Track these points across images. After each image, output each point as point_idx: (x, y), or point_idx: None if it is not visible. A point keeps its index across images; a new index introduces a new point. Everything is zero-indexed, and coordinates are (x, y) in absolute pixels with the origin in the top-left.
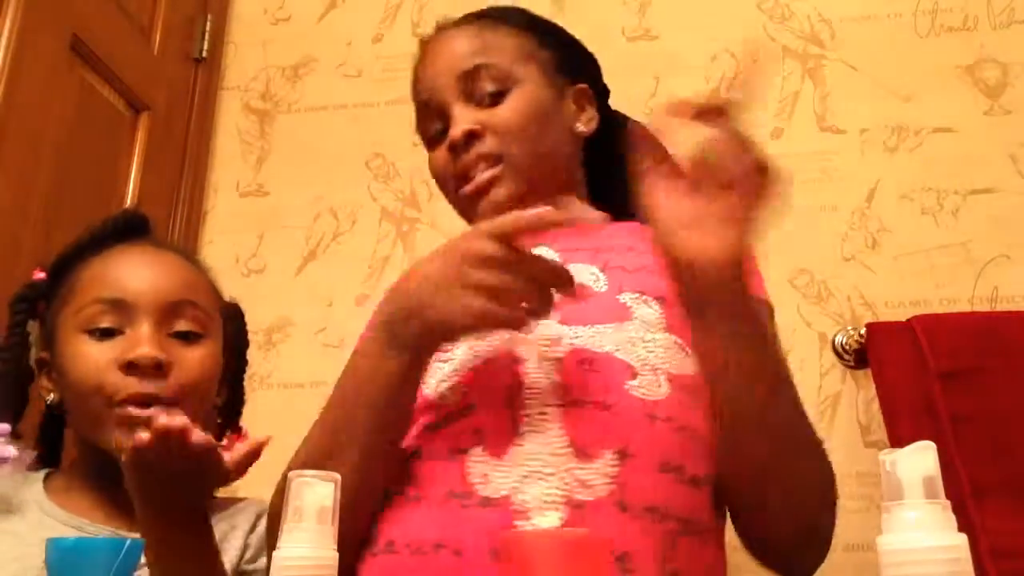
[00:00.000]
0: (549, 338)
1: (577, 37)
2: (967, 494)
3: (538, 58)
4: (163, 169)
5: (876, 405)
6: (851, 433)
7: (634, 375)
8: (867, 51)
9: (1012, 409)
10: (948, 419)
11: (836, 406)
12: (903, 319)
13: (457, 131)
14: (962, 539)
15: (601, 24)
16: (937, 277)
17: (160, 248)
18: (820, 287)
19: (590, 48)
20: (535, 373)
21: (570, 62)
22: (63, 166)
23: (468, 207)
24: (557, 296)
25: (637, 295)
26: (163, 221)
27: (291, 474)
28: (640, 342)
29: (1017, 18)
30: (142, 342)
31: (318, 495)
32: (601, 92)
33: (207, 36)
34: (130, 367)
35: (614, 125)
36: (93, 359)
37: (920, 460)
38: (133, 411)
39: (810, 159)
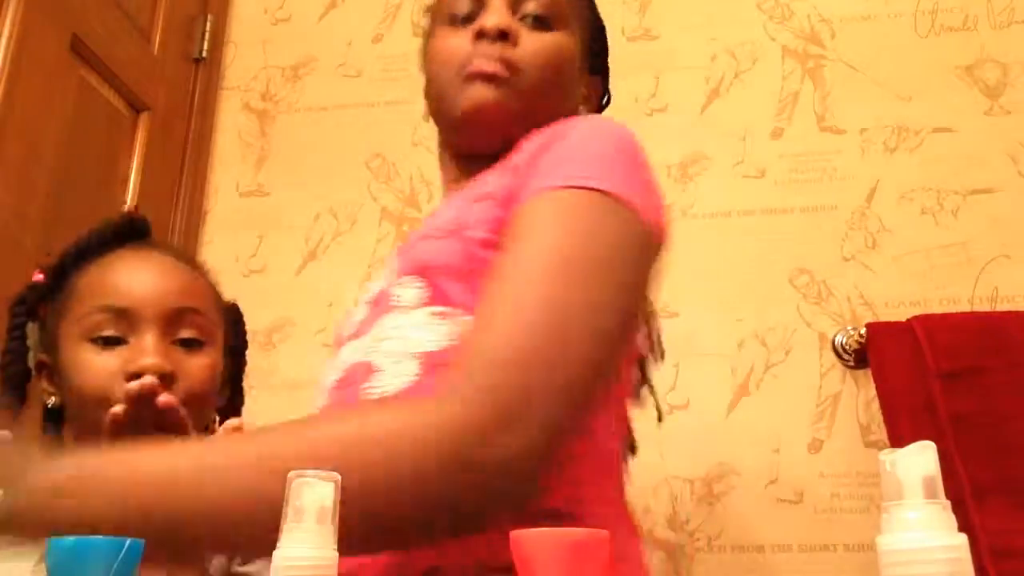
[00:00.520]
0: (336, 360)
1: None
2: (967, 494)
3: (587, 28)
4: (163, 169)
5: (876, 405)
6: (851, 433)
7: (370, 373)
8: (867, 51)
9: (1012, 409)
10: (948, 419)
11: (836, 406)
12: (903, 319)
13: (496, 20)
14: (962, 539)
15: None
16: (937, 277)
17: (162, 252)
18: (820, 287)
19: None
20: (319, 400)
21: (599, 56)
22: (63, 166)
23: (458, 91)
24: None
25: (404, 278)
26: (163, 221)
27: (291, 474)
28: (393, 330)
29: (1017, 18)
30: (147, 352)
31: (318, 495)
32: (603, 99)
33: (207, 36)
34: (135, 378)
35: None
36: (98, 369)
37: (920, 460)
38: None
39: (810, 159)
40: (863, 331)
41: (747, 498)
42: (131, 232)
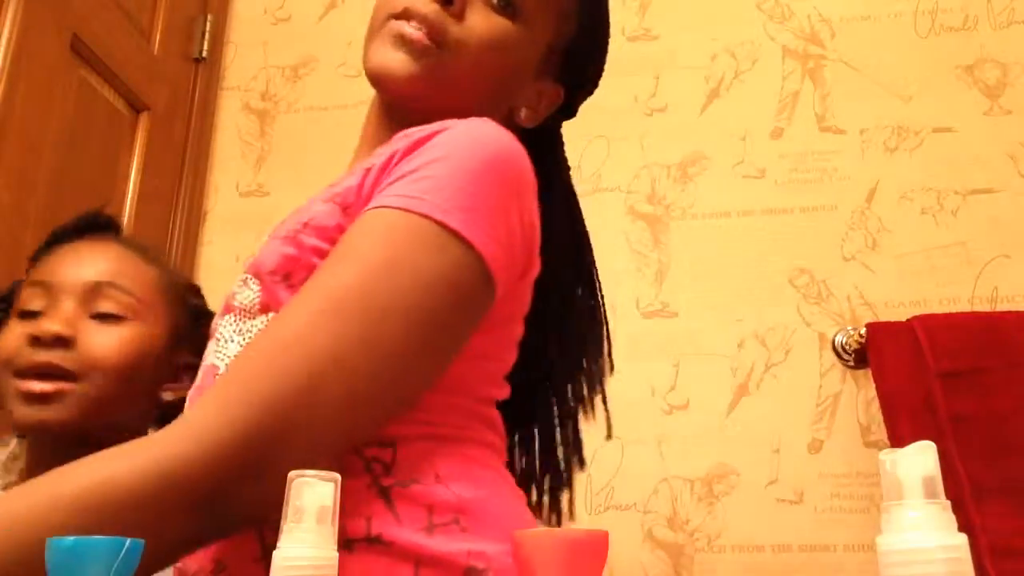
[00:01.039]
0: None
1: None
2: (967, 494)
3: (565, 28)
4: (163, 169)
5: (876, 405)
6: (851, 433)
7: (215, 378)
8: (867, 51)
9: (1012, 409)
10: (948, 419)
11: (836, 406)
12: (903, 319)
13: None
14: (962, 539)
15: None
16: (937, 277)
17: (109, 242)
18: (820, 287)
19: None
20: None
21: (572, 64)
22: (63, 166)
23: (373, 41)
24: None
25: (247, 276)
26: (163, 221)
27: (291, 474)
28: (236, 334)
29: (1017, 18)
30: (52, 319)
31: (318, 495)
32: (566, 111)
33: (207, 36)
34: (34, 340)
35: (544, 148)
36: (10, 336)
37: (920, 460)
38: (31, 383)
39: (810, 159)
40: (863, 331)
41: (747, 498)
42: (91, 226)
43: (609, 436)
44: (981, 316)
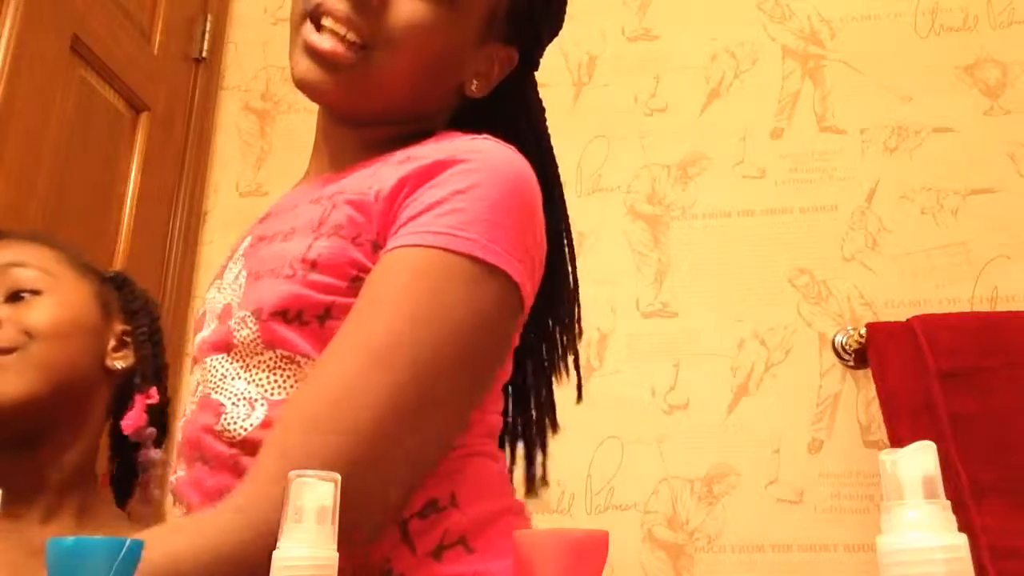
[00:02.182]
0: (193, 388)
1: (578, 35)
2: (967, 494)
3: None
4: (163, 169)
5: (876, 405)
6: (851, 433)
7: (219, 415)
8: (867, 51)
9: (1012, 409)
10: (948, 419)
11: (836, 406)
12: (903, 319)
13: None
14: (962, 539)
15: (601, 24)
16: (937, 277)
17: (8, 239)
18: (820, 287)
19: (589, 48)
20: (178, 436)
21: (521, 24)
22: (63, 166)
23: (295, 44)
24: None
25: (245, 313)
26: (163, 221)
27: (291, 474)
28: (240, 369)
29: (1017, 18)
30: None
31: (318, 495)
32: (528, 65)
33: (207, 36)
34: None
35: (514, 100)
36: None
37: (920, 460)
38: None
39: (810, 159)
40: (863, 331)
41: (747, 498)
42: None
43: (579, 400)
44: (981, 316)
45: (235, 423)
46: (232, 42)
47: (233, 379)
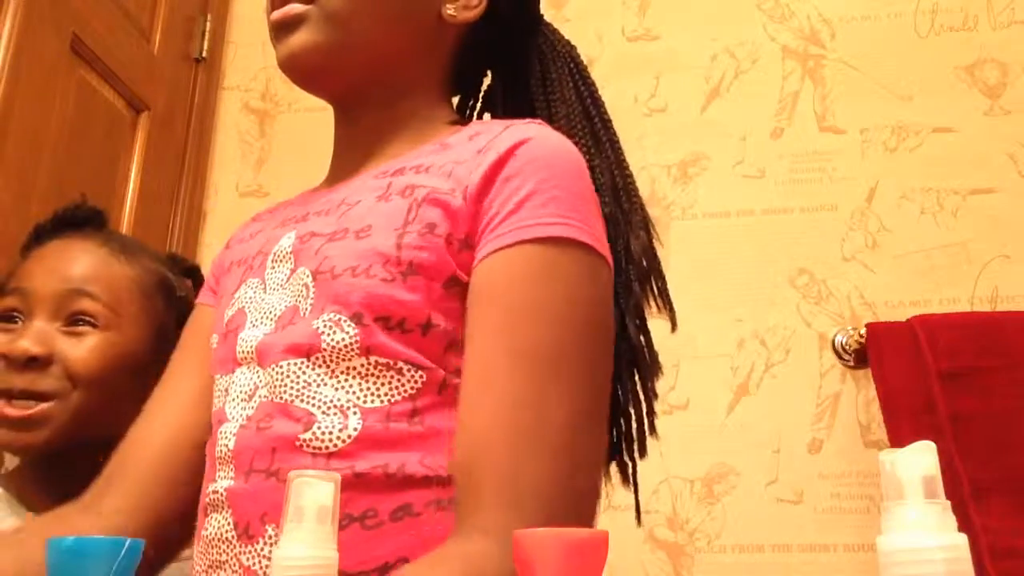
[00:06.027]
0: (247, 392)
1: (578, 36)
2: (967, 494)
3: None
4: (163, 169)
5: (876, 405)
6: (851, 433)
7: (308, 426)
8: (867, 51)
9: (1012, 409)
10: (948, 419)
11: (836, 406)
12: (903, 319)
13: None
14: (962, 539)
15: (601, 24)
16: (937, 277)
17: (92, 240)
18: (820, 287)
19: (589, 48)
20: (223, 440)
21: None
22: (63, 166)
23: (272, 39)
24: None
25: (330, 314)
26: (163, 221)
27: (291, 474)
28: (327, 375)
29: (1017, 18)
30: (24, 335)
31: (318, 495)
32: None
33: (207, 36)
34: (8, 361)
35: (515, 19)
36: None
37: (920, 460)
38: (7, 410)
39: (810, 159)
40: (863, 331)
41: (747, 498)
42: (73, 219)
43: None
44: (981, 316)
45: (329, 434)
46: (232, 42)
47: (319, 386)
